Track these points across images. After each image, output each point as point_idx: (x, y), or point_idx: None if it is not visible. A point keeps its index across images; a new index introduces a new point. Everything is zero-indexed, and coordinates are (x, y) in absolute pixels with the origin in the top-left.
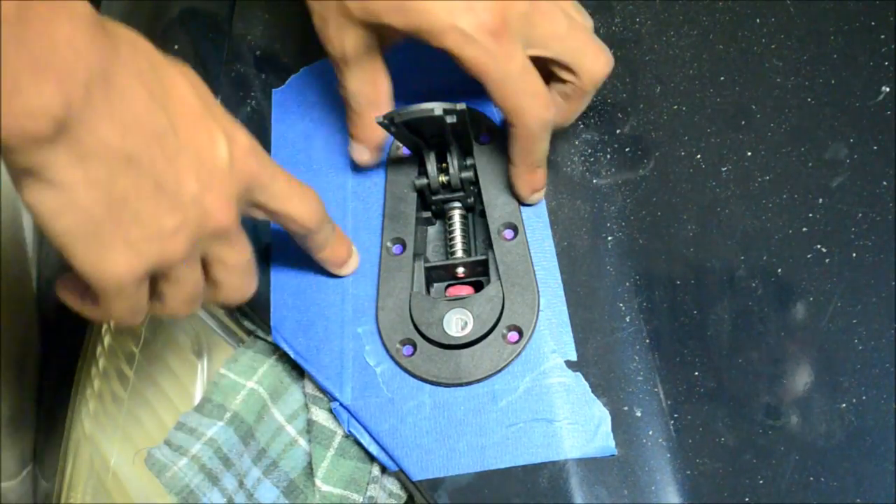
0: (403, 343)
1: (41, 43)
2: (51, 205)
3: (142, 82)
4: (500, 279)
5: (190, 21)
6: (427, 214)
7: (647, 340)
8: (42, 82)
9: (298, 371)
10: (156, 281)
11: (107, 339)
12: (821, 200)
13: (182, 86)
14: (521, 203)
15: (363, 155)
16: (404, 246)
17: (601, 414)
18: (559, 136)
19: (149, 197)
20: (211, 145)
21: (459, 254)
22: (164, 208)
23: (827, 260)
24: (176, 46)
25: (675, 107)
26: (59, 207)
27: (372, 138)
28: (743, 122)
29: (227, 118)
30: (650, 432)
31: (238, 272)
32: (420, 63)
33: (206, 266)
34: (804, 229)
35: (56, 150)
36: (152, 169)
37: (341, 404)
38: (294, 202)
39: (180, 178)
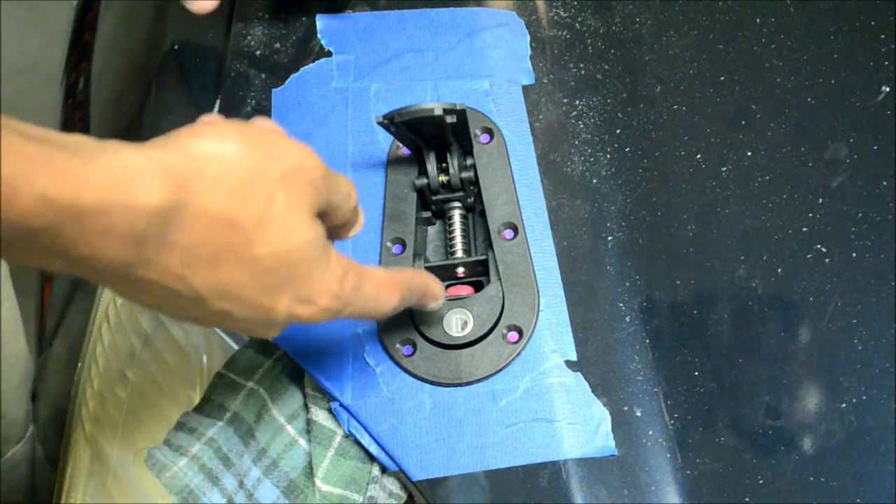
0: (403, 343)
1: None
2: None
3: (216, 219)
4: (500, 279)
5: (190, 21)
6: (427, 214)
7: (647, 340)
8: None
9: (298, 371)
10: None
11: (107, 339)
12: (821, 200)
13: (277, 205)
14: None
15: (205, 2)
16: (404, 246)
17: (601, 414)
18: (559, 135)
19: (239, 317)
20: (316, 275)
21: (459, 254)
22: (258, 324)
23: (827, 260)
24: (175, 47)
25: (675, 107)
26: (135, 299)
27: None
28: (743, 122)
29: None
30: (650, 432)
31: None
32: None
33: None
34: (804, 229)
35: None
36: (227, 300)
37: (341, 404)
38: (382, 307)
39: (270, 303)
